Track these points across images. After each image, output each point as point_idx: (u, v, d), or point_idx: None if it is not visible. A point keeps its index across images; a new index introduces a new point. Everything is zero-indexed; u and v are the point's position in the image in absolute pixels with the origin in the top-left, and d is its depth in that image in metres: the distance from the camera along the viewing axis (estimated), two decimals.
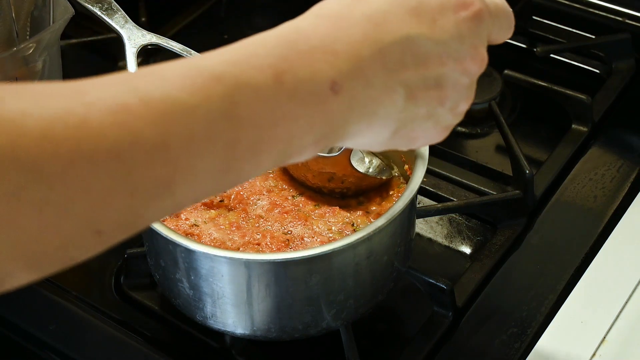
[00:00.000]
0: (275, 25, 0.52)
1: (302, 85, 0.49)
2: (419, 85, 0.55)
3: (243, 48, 0.49)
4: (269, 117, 0.48)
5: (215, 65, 0.47)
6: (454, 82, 0.57)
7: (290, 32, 0.51)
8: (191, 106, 0.45)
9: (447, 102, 0.57)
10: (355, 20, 0.53)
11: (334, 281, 0.70)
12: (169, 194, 0.45)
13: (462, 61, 0.57)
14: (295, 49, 0.50)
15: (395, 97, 0.54)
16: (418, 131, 0.58)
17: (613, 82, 1.03)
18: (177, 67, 0.46)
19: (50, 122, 0.40)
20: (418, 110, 0.56)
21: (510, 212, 0.88)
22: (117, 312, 0.81)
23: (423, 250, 0.87)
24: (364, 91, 0.52)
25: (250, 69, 0.48)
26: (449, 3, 0.56)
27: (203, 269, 0.69)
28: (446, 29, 0.55)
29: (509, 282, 0.82)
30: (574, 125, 0.97)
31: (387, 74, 0.53)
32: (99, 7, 0.92)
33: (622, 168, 0.92)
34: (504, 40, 0.62)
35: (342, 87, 0.50)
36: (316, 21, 0.52)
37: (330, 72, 0.50)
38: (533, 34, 1.12)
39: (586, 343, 0.74)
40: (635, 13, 1.09)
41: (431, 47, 0.54)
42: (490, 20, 0.58)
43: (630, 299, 0.78)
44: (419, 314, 0.80)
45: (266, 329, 0.72)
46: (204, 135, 0.45)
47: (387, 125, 0.55)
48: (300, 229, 0.75)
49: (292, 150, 0.50)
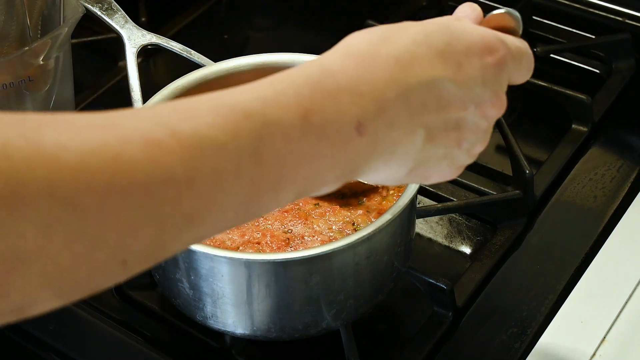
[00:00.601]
0: (275, 26, 0.52)
1: (329, 126, 0.50)
2: (439, 128, 0.55)
3: (272, 86, 0.50)
4: (294, 155, 0.48)
5: (245, 102, 0.47)
6: (473, 125, 0.58)
7: (318, 71, 0.51)
8: (221, 143, 0.45)
9: (465, 144, 0.58)
10: (382, 61, 0.53)
11: (334, 281, 0.70)
12: (193, 227, 0.45)
13: (482, 106, 0.57)
14: (323, 89, 0.50)
15: (415, 138, 0.54)
16: (433, 170, 0.59)
17: (613, 82, 1.03)
18: (208, 102, 0.47)
19: (87, 155, 0.41)
20: (436, 150, 0.57)
21: (510, 212, 0.88)
22: (117, 312, 0.81)
23: (423, 250, 0.87)
24: (387, 132, 0.52)
25: (279, 107, 0.48)
26: (475, 48, 0.56)
27: (203, 269, 0.69)
28: (471, 74, 0.56)
29: (509, 282, 0.82)
30: (574, 125, 0.97)
31: (409, 116, 0.53)
32: (99, 7, 0.92)
33: (622, 168, 0.92)
34: (523, 81, 0.62)
35: (366, 128, 0.51)
36: (344, 60, 0.53)
37: (356, 113, 0.51)
38: (533, 34, 1.12)
39: (586, 343, 0.74)
40: (635, 13, 1.09)
41: (454, 91, 0.55)
42: (513, 64, 0.59)
43: (630, 299, 0.78)
44: (419, 314, 0.80)
45: (266, 329, 0.72)
46: (231, 172, 0.45)
47: (404, 164, 0.56)
48: (300, 227, 0.75)
49: (313, 186, 0.51)
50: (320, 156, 0.49)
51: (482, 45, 0.57)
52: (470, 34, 0.57)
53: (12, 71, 0.83)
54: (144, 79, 0.86)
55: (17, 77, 0.83)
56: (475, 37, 0.57)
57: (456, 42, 0.56)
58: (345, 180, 0.53)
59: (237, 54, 0.83)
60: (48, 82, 0.87)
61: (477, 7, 0.63)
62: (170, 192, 0.43)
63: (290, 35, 1.17)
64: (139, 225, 0.42)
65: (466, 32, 0.57)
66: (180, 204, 0.44)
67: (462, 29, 0.57)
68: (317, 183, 0.51)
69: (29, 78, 0.84)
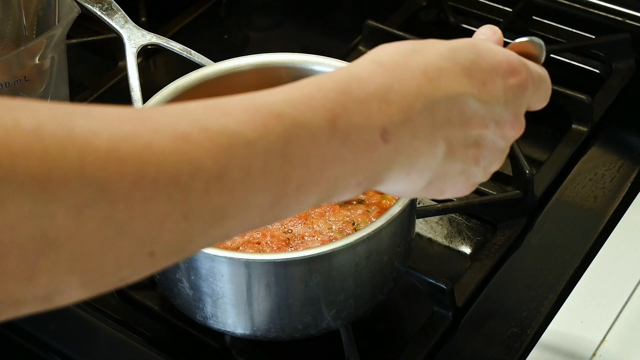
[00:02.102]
0: (275, 26, 0.52)
1: (355, 131, 0.50)
2: (460, 143, 0.56)
3: (300, 89, 0.50)
4: (320, 158, 0.49)
5: (274, 102, 0.48)
6: (491, 144, 0.59)
7: (347, 77, 0.52)
8: (250, 140, 0.46)
9: (482, 161, 0.59)
10: (411, 72, 0.54)
11: (334, 281, 0.70)
12: (220, 223, 0.46)
13: (502, 126, 0.58)
14: (351, 94, 0.51)
15: (437, 150, 0.55)
16: (449, 184, 0.59)
17: (613, 82, 1.03)
18: (237, 101, 0.47)
19: (118, 142, 0.41)
20: (454, 165, 0.57)
21: (510, 212, 0.88)
22: (117, 312, 0.81)
23: (423, 250, 0.87)
24: (410, 142, 0.53)
25: (307, 110, 0.49)
26: (500, 68, 0.57)
27: (203, 269, 0.69)
28: (494, 93, 0.57)
29: (509, 282, 0.82)
30: (574, 125, 0.97)
31: (433, 128, 0.54)
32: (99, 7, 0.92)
33: (622, 168, 0.92)
34: (539, 108, 0.63)
35: (391, 135, 0.52)
36: (373, 68, 0.53)
37: (382, 120, 0.51)
38: (533, 34, 1.11)
39: (586, 343, 0.74)
40: (635, 13, 1.09)
41: (477, 108, 0.56)
42: (533, 89, 0.60)
43: (630, 299, 0.78)
44: (419, 314, 0.80)
45: (266, 329, 0.72)
46: (259, 170, 0.46)
47: (423, 176, 0.56)
48: (300, 227, 0.75)
49: (335, 191, 0.51)
50: (344, 160, 0.50)
51: (507, 66, 0.58)
52: (496, 54, 0.58)
53: (7, 71, 0.83)
54: (144, 79, 0.86)
55: (13, 76, 0.83)
56: (500, 57, 0.58)
57: (482, 61, 0.57)
58: (367, 188, 0.53)
59: (237, 54, 0.83)
60: (44, 82, 0.87)
61: (498, 30, 0.64)
62: (198, 185, 0.43)
63: (290, 35, 1.17)
64: (166, 217, 0.43)
65: (492, 52, 0.58)
66: (208, 197, 0.44)
67: (488, 48, 0.58)
68: (339, 188, 0.51)
69: (24, 78, 0.84)
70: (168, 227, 0.43)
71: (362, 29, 1.08)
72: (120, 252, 0.42)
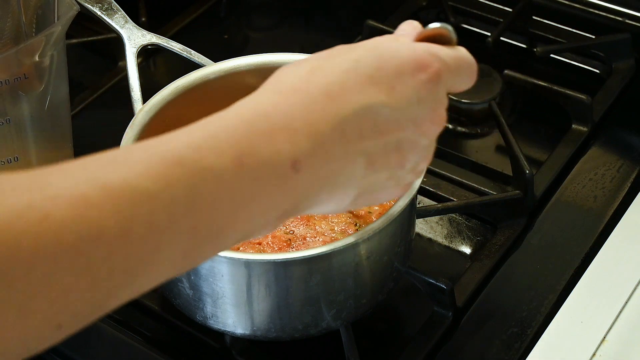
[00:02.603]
0: (275, 26, 0.52)
1: (263, 166, 0.49)
2: (379, 152, 0.55)
3: (205, 129, 0.48)
4: (230, 201, 0.47)
5: (176, 148, 0.46)
6: (413, 145, 0.57)
7: (251, 111, 0.51)
8: (152, 193, 0.44)
9: (407, 164, 0.58)
10: (312, 95, 0.52)
11: (334, 281, 0.70)
12: (128, 284, 0.44)
13: (421, 124, 0.57)
14: (257, 129, 0.49)
15: (355, 166, 0.54)
16: (379, 192, 0.58)
17: (613, 82, 1.03)
18: (139, 151, 0.46)
19: (12, 219, 0.39)
20: (379, 175, 0.56)
21: (510, 212, 0.88)
22: (117, 312, 0.81)
23: (423, 250, 0.87)
24: (325, 166, 0.52)
25: (211, 153, 0.47)
26: (407, 67, 0.56)
27: (203, 269, 0.69)
28: (404, 95, 0.55)
29: (509, 282, 0.82)
30: (574, 125, 0.97)
31: (346, 145, 0.53)
32: (99, 7, 0.92)
33: (622, 168, 0.92)
34: (467, 88, 0.61)
35: (302, 164, 0.50)
36: (274, 98, 0.52)
37: (291, 151, 0.50)
38: (533, 34, 1.12)
39: (586, 343, 0.74)
40: (635, 13, 1.09)
41: (390, 114, 0.55)
42: (450, 76, 0.58)
43: (630, 299, 0.78)
44: (419, 314, 0.80)
45: (266, 329, 0.72)
46: (165, 223, 0.44)
47: (348, 193, 0.55)
48: (302, 228, 0.75)
49: (254, 228, 0.50)
50: (257, 197, 0.49)
51: (413, 63, 0.56)
52: (400, 54, 0.56)
53: (6, 69, 0.83)
54: (144, 79, 0.86)
55: (12, 74, 0.83)
56: (405, 56, 0.56)
57: (386, 65, 0.55)
58: (289, 217, 0.53)
59: (237, 54, 0.83)
60: (43, 81, 0.87)
61: (418, 25, 0.62)
62: (101, 249, 0.42)
63: (290, 35, 1.17)
64: (70, 289, 0.41)
65: (397, 52, 0.56)
66: (113, 261, 0.42)
67: (393, 49, 0.56)
68: (258, 225, 0.50)
69: (24, 75, 0.84)
70: (73, 299, 0.41)
71: (362, 29, 1.08)
72: (23, 331, 0.41)
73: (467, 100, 1.02)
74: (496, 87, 1.02)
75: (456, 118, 1.02)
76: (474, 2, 1.15)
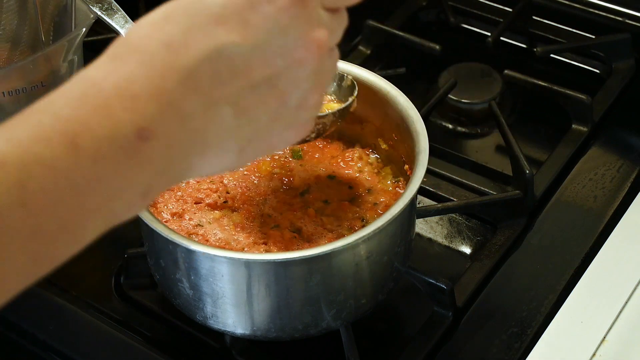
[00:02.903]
0: None
1: (104, 144, 0.44)
2: (247, 97, 0.49)
3: (27, 119, 0.43)
4: (72, 189, 0.43)
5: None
6: (289, 78, 0.51)
7: (80, 86, 0.45)
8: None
9: (291, 100, 0.52)
10: (151, 52, 0.47)
11: (334, 281, 0.70)
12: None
13: (291, 54, 0.50)
14: (88, 104, 0.44)
15: (222, 118, 0.49)
16: (270, 138, 0.53)
17: (613, 82, 1.03)
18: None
19: None
20: (257, 121, 0.51)
21: (510, 212, 0.88)
22: (117, 312, 0.81)
23: (423, 250, 0.87)
24: (182, 126, 0.47)
25: (36, 143, 0.42)
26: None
27: (203, 269, 0.69)
28: (262, 27, 0.49)
29: (509, 282, 0.82)
30: (574, 125, 0.97)
31: (202, 98, 0.47)
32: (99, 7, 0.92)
33: (622, 168, 0.92)
34: (347, 3, 0.56)
35: (152, 131, 0.45)
36: (109, 65, 0.47)
37: (133, 120, 0.45)
38: (533, 34, 1.12)
39: (586, 343, 0.74)
40: (635, 13, 1.09)
41: (247, 53, 0.49)
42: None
43: (630, 299, 0.78)
44: (419, 314, 0.80)
45: (266, 329, 0.72)
46: (2, 231, 0.41)
47: (226, 148, 0.50)
48: (310, 226, 0.75)
49: (115, 213, 0.46)
50: (106, 180, 0.44)
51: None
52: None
53: (24, 77, 0.83)
54: None
55: (30, 82, 0.83)
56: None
57: (233, 0, 0.49)
58: (160, 191, 0.48)
59: None
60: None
61: None
62: None
63: None
64: None
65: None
66: None
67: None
68: (117, 208, 0.45)
69: (41, 83, 0.84)
70: None
71: (362, 29, 1.08)
72: None
73: (467, 100, 1.02)
74: (496, 87, 1.02)
75: (456, 118, 1.02)
76: (474, 2, 1.15)
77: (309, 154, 0.83)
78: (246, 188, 0.79)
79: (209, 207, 0.77)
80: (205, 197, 0.78)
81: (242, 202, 0.77)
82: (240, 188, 0.78)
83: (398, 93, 0.78)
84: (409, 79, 1.03)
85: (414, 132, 0.75)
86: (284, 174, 0.80)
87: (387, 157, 0.81)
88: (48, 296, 0.82)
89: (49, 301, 0.81)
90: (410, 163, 0.76)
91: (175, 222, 0.75)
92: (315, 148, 0.83)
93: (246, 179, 0.80)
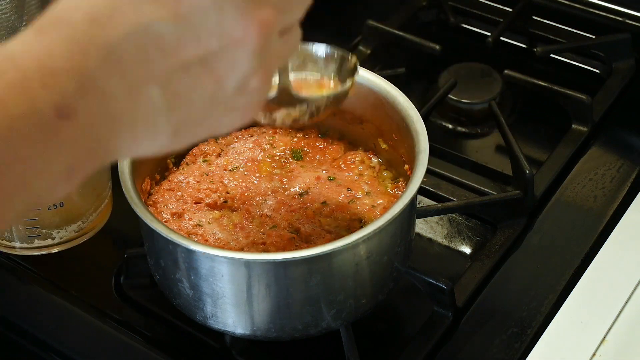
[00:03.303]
0: None
1: (20, 123, 0.42)
2: (177, 77, 0.47)
3: None
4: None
5: None
6: (225, 60, 0.48)
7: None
8: None
9: (227, 82, 0.49)
10: (75, 24, 0.44)
11: (334, 281, 0.70)
12: None
13: (228, 34, 0.48)
14: (3, 80, 0.42)
15: (150, 99, 0.46)
16: (207, 122, 0.50)
17: (613, 82, 1.03)
18: None
19: None
20: (190, 103, 0.48)
21: (510, 212, 0.88)
22: (117, 312, 0.81)
23: (423, 250, 0.87)
24: (104, 105, 0.45)
25: None
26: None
27: (203, 269, 0.69)
28: (196, 4, 0.46)
29: (509, 282, 0.82)
30: (574, 125, 0.97)
31: (126, 77, 0.45)
32: None
33: (622, 168, 0.92)
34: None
35: (72, 109, 0.43)
36: (30, 39, 0.44)
37: (51, 98, 0.43)
38: (533, 34, 1.12)
39: (586, 343, 0.74)
40: (635, 13, 1.09)
41: (178, 30, 0.46)
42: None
43: (630, 299, 0.78)
44: (419, 314, 0.80)
45: (266, 329, 0.72)
46: None
47: (158, 129, 0.48)
48: (308, 227, 0.75)
49: (37, 193, 0.44)
50: (22, 160, 0.42)
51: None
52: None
53: None
54: None
55: None
56: None
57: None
58: (87, 172, 0.46)
59: None
60: None
61: None
62: None
63: None
64: None
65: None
66: None
67: None
68: (41, 189, 0.44)
69: None
70: None
71: (362, 29, 1.08)
72: None
73: (467, 100, 1.02)
74: (496, 87, 1.02)
75: (456, 118, 1.02)
76: (474, 2, 1.15)
77: (309, 155, 0.83)
78: (246, 188, 0.79)
79: (209, 207, 0.77)
80: (205, 197, 0.78)
81: (242, 202, 0.77)
82: (240, 188, 0.78)
83: (398, 93, 0.78)
84: (409, 79, 1.03)
85: (414, 132, 0.75)
86: (284, 175, 0.80)
87: (388, 161, 0.81)
88: (48, 296, 0.82)
89: (49, 301, 0.82)
90: (410, 163, 0.76)
91: (175, 222, 0.75)
92: (316, 149, 0.83)
93: (246, 179, 0.80)
